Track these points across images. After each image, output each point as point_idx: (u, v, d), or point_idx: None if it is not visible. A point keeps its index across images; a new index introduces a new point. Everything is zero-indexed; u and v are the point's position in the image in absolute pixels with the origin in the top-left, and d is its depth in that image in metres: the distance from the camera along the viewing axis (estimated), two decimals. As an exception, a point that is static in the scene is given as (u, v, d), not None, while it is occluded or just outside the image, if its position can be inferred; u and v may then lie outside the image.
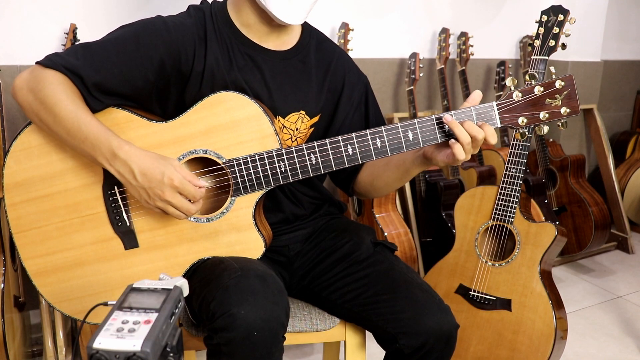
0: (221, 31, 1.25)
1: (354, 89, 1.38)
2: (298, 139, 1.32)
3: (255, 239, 1.23)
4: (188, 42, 1.21)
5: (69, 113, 1.11)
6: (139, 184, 1.12)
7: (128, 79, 1.17)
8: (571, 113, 1.12)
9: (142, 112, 1.23)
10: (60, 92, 1.12)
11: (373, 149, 1.16)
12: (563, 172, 2.84)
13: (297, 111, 1.30)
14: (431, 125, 1.14)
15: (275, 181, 1.19)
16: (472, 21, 2.84)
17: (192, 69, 1.22)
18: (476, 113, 1.14)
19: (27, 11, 1.95)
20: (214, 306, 1.08)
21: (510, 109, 1.14)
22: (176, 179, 1.11)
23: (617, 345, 2.22)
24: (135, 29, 1.20)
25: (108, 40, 1.19)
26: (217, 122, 1.19)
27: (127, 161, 1.11)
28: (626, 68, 3.46)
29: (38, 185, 1.21)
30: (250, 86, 1.26)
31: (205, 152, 1.19)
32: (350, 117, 1.38)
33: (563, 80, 1.11)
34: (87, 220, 1.22)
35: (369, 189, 1.40)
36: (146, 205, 1.15)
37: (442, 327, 1.19)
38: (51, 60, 1.14)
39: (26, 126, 1.20)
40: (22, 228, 1.22)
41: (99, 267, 1.23)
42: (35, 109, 1.14)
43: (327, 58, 1.36)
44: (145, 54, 1.17)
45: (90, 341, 0.68)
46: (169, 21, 1.21)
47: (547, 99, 1.12)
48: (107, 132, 1.12)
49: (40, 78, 1.13)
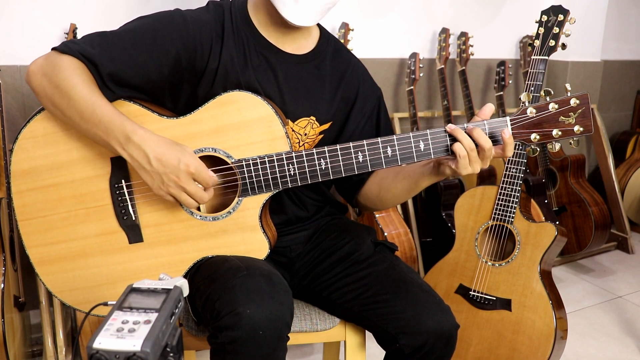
0: (239, 29, 1.25)
1: (367, 100, 1.38)
2: (306, 144, 1.32)
3: (260, 240, 1.23)
4: (205, 38, 1.21)
5: (84, 97, 1.11)
6: (153, 169, 1.11)
7: (143, 71, 1.17)
8: (584, 132, 1.10)
9: (153, 106, 1.23)
10: (76, 77, 1.12)
11: (384, 157, 1.15)
12: (563, 172, 2.85)
13: (307, 116, 1.30)
14: (443, 136, 1.14)
15: (283, 184, 1.19)
16: (472, 21, 2.84)
17: (207, 65, 1.22)
18: (489, 127, 1.13)
19: (27, 11, 1.95)
20: (220, 305, 1.08)
21: (523, 124, 1.12)
22: (192, 165, 1.11)
23: (617, 345, 2.22)
24: (153, 21, 1.19)
25: (125, 31, 1.18)
26: (228, 121, 1.19)
27: (142, 145, 1.10)
28: (626, 68, 3.46)
29: (45, 174, 1.20)
30: (262, 87, 1.25)
31: (215, 150, 1.19)
32: (361, 127, 1.37)
33: (578, 98, 1.10)
34: (93, 212, 1.22)
35: (374, 200, 1.38)
36: (158, 191, 1.14)
37: (442, 327, 1.19)
38: (67, 46, 1.14)
39: (36, 114, 1.20)
40: (27, 216, 1.22)
41: (103, 260, 1.23)
42: (50, 93, 1.13)
43: (343, 67, 1.35)
44: (161, 48, 1.17)
45: (90, 341, 0.68)
46: (187, 15, 1.21)
47: (561, 117, 1.11)
48: (121, 116, 1.12)
49: (55, 63, 1.13)
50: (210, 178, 1.14)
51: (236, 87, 1.21)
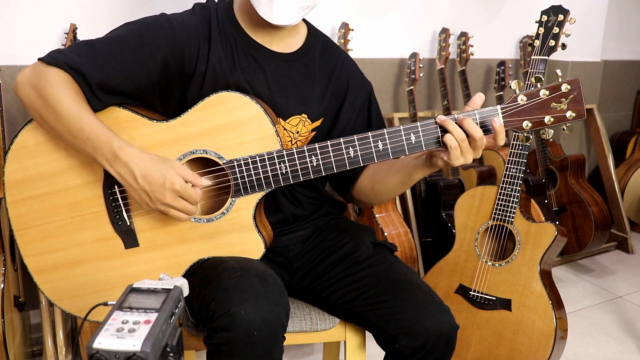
0: (226, 31, 1.25)
1: (357, 94, 1.38)
2: (298, 142, 1.32)
3: (255, 240, 1.23)
4: (192, 41, 1.21)
5: (71, 112, 1.11)
6: (139, 186, 1.12)
7: (131, 78, 1.17)
8: (577, 117, 1.10)
9: (143, 111, 1.23)
10: (63, 91, 1.11)
11: (375, 151, 1.15)
12: (563, 172, 2.84)
13: (298, 114, 1.30)
14: (433, 128, 1.14)
15: (275, 182, 1.19)
16: (472, 21, 2.84)
17: (195, 68, 1.22)
18: (480, 116, 1.13)
19: (27, 11, 1.95)
20: (214, 306, 1.08)
21: (515, 112, 1.12)
22: (177, 183, 1.11)
23: (617, 345, 2.22)
24: (139, 27, 1.19)
25: (112, 38, 1.18)
26: (218, 122, 1.19)
27: (129, 163, 1.11)
28: (626, 68, 3.46)
29: (39, 183, 1.21)
30: (252, 87, 1.25)
31: (206, 152, 1.19)
32: (353, 122, 1.37)
33: (569, 83, 1.09)
34: (88, 219, 1.22)
35: (369, 194, 1.38)
36: (147, 207, 1.15)
37: (442, 327, 1.19)
38: (53, 57, 1.13)
39: (27, 124, 1.20)
40: (23, 226, 1.22)
41: (100, 266, 1.23)
42: (37, 107, 1.13)
43: (332, 62, 1.35)
44: (149, 53, 1.17)
45: (90, 341, 0.68)
46: (173, 19, 1.21)
47: (553, 103, 1.10)
48: (108, 132, 1.12)
49: (42, 75, 1.13)
50: (197, 195, 1.14)
51: (225, 88, 1.21)
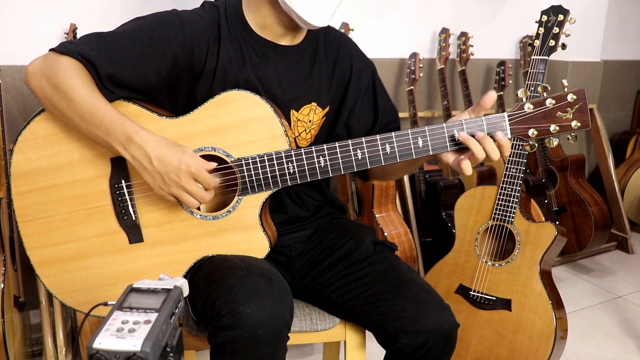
0: (234, 29, 1.25)
1: (362, 74, 1.38)
2: (312, 130, 1.33)
3: (260, 239, 1.23)
4: (202, 39, 1.21)
5: (84, 98, 1.11)
6: (154, 169, 1.12)
7: (141, 73, 1.17)
8: (582, 127, 1.11)
9: (152, 106, 1.23)
10: (75, 78, 1.12)
11: (382, 154, 1.16)
12: (563, 172, 2.84)
13: (309, 103, 1.31)
14: (442, 134, 1.14)
15: (283, 182, 1.19)
16: (472, 21, 2.84)
17: (205, 66, 1.22)
18: (487, 123, 1.13)
19: (27, 11, 1.95)
20: (220, 304, 1.08)
21: (521, 120, 1.13)
22: (193, 165, 1.12)
23: (617, 345, 2.22)
24: (150, 22, 1.19)
25: (123, 32, 1.18)
26: (227, 121, 1.19)
27: (143, 146, 1.11)
28: (626, 68, 3.46)
29: (45, 175, 1.21)
30: (263, 83, 1.26)
31: (214, 149, 1.19)
32: (360, 102, 1.38)
33: (575, 93, 1.10)
34: (93, 213, 1.22)
35: (380, 172, 1.43)
36: (159, 191, 1.14)
37: (442, 326, 1.19)
38: (66, 47, 1.14)
39: (36, 115, 1.20)
40: (28, 217, 1.22)
41: (103, 260, 1.23)
42: (49, 94, 1.14)
43: (335, 46, 1.36)
44: (159, 49, 1.17)
45: (90, 341, 0.68)
46: (184, 17, 1.21)
47: (559, 112, 1.11)
48: (122, 117, 1.12)
49: (54, 64, 1.13)
50: (211, 179, 1.14)
51: (235, 86, 1.21)
